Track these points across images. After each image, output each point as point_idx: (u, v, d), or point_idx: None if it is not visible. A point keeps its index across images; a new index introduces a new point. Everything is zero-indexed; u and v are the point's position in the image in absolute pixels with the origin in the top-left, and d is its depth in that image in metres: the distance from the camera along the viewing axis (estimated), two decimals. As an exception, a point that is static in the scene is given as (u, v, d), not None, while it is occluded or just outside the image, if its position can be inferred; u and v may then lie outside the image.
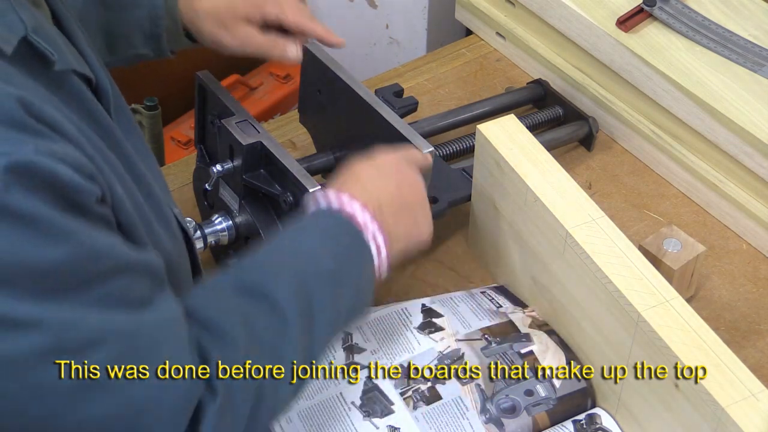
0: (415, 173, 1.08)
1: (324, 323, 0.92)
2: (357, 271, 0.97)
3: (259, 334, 0.87)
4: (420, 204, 1.07)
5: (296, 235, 0.98)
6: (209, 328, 0.86)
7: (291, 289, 0.90)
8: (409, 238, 1.05)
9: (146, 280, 0.81)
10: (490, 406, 1.08)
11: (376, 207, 1.00)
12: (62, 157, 0.74)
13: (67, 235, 0.74)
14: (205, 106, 1.28)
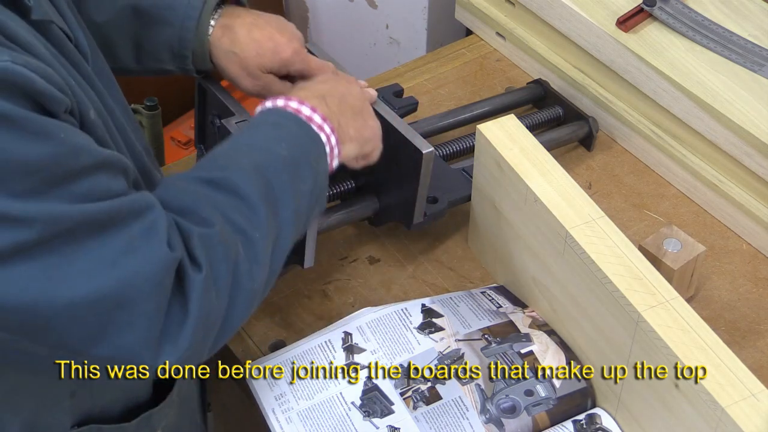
0: (352, 83, 1.16)
1: (287, 205, 0.97)
2: (310, 155, 1.02)
3: (230, 217, 0.93)
4: (361, 102, 1.14)
5: (247, 131, 1.04)
6: (185, 213, 0.91)
7: (251, 177, 0.95)
8: (359, 131, 1.11)
9: (122, 177, 0.87)
10: (490, 406, 1.08)
11: (318, 101, 1.06)
12: (35, 68, 0.79)
13: (48, 133, 0.79)
14: (205, 106, 1.28)
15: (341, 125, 1.08)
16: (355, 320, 1.16)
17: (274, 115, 1.04)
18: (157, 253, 0.85)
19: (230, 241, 0.91)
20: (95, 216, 0.82)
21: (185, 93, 1.43)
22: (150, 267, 0.85)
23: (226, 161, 0.98)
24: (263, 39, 1.19)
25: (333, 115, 1.07)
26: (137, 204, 0.86)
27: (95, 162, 0.83)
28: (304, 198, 1.00)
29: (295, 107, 1.04)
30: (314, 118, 1.04)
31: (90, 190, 0.82)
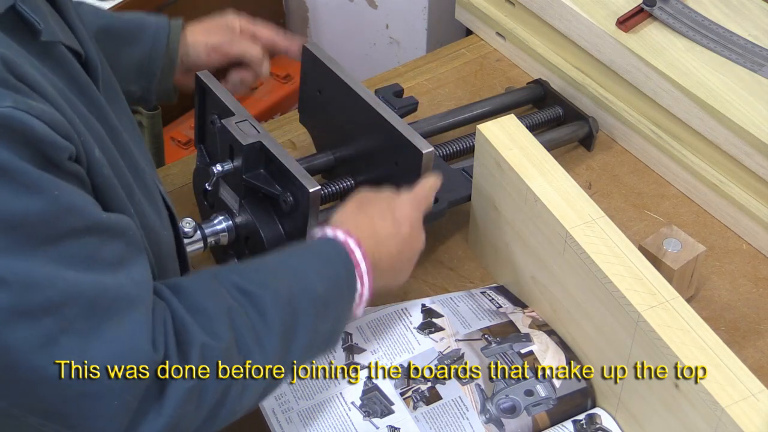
0: (420, 223, 1.12)
1: (302, 342, 0.94)
2: (342, 302, 1.01)
3: (243, 337, 0.90)
4: (415, 254, 1.11)
5: (297, 253, 1.01)
6: (199, 314, 0.88)
7: (280, 301, 0.93)
8: (389, 283, 1.09)
9: (117, 243, 0.83)
10: (490, 406, 1.08)
11: (374, 251, 1.04)
12: (39, 114, 0.76)
13: (41, 188, 0.76)
14: (205, 106, 1.28)
15: (380, 272, 1.05)
16: (355, 320, 1.16)
17: (327, 248, 1.02)
18: (135, 352, 0.81)
19: (231, 360, 0.88)
20: (78, 294, 0.78)
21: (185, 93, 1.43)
22: (123, 362, 0.80)
23: (268, 279, 0.95)
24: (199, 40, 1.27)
25: (377, 269, 1.04)
26: (124, 291, 0.82)
27: (86, 225, 0.80)
28: (318, 338, 0.98)
29: (352, 248, 1.02)
30: (361, 265, 1.02)
31: (77, 254, 0.78)
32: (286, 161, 1.16)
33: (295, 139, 1.48)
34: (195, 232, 1.21)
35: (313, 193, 1.14)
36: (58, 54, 0.86)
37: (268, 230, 1.20)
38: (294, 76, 2.18)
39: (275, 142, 1.19)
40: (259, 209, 1.20)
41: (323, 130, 1.36)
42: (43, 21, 0.83)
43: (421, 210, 1.13)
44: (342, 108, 1.28)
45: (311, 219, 1.16)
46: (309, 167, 1.28)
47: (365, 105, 1.24)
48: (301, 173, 1.15)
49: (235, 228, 1.23)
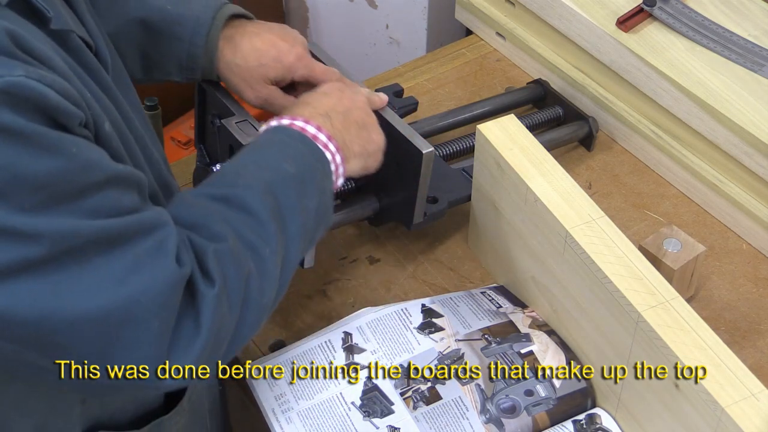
0: (357, 93, 1.15)
1: (295, 221, 0.97)
2: (315, 173, 1.02)
3: (241, 233, 0.93)
4: (366, 115, 1.14)
5: (254, 149, 1.03)
6: (197, 228, 0.92)
7: (259, 194, 0.96)
8: (363, 147, 1.11)
9: (134, 193, 0.87)
10: (490, 406, 1.08)
11: (322, 119, 1.07)
12: (50, 83, 0.79)
13: (59, 148, 0.79)
14: (205, 106, 1.28)
15: (346, 142, 1.08)
16: (355, 320, 1.16)
17: (280, 134, 1.05)
18: (164, 271, 0.85)
19: (242, 256, 0.92)
20: (104, 233, 0.82)
21: (185, 93, 1.43)
22: (157, 285, 0.84)
23: (234, 178, 0.98)
24: (265, 47, 1.19)
25: (338, 133, 1.07)
26: (147, 221, 0.86)
27: (106, 177, 0.83)
28: (310, 214, 1.00)
29: (300, 126, 1.04)
30: (319, 137, 1.04)
31: (100, 206, 0.82)
32: (286, 161, 1.16)
33: (295, 139, 1.48)
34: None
35: None
36: (70, 41, 0.88)
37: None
38: (294, 76, 2.17)
39: (275, 142, 1.19)
40: (259, 209, 1.20)
41: (323, 130, 1.36)
42: (53, 9, 0.84)
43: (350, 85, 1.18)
44: (342, 108, 1.28)
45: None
46: (309, 167, 1.28)
47: (365, 105, 1.24)
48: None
49: (235, 228, 1.23)
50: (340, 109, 1.10)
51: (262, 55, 1.19)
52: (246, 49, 1.19)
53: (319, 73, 1.22)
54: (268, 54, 1.19)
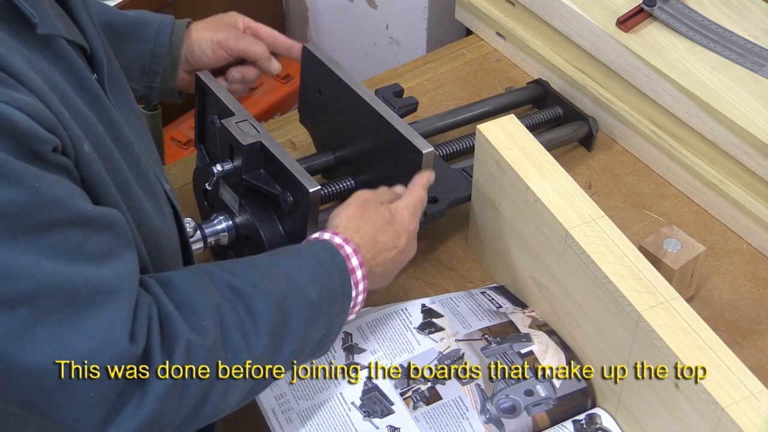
0: (417, 231, 1.13)
1: (292, 345, 0.95)
2: (335, 308, 1.00)
3: (230, 334, 0.90)
4: (406, 262, 1.12)
5: (292, 254, 1.01)
6: (186, 311, 0.88)
7: (272, 302, 0.93)
8: (389, 276, 1.10)
9: (104, 236, 0.83)
10: (490, 406, 1.08)
11: (371, 259, 1.05)
12: (21, 106, 0.76)
13: (21, 179, 0.76)
14: (205, 106, 1.28)
15: (374, 277, 1.06)
16: (355, 320, 1.16)
17: (323, 252, 1.01)
18: (112, 344, 0.81)
19: (216, 357, 0.88)
20: (58, 285, 0.78)
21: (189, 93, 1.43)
22: (101, 357, 0.81)
23: (260, 278, 0.94)
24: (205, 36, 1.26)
25: (373, 277, 1.06)
26: (105, 284, 0.82)
27: (70, 217, 0.79)
28: (310, 343, 0.98)
29: (348, 253, 1.02)
30: (357, 274, 1.02)
31: (59, 246, 0.78)
32: (286, 161, 1.16)
33: (295, 139, 1.48)
34: (195, 232, 1.21)
35: (313, 193, 1.14)
36: (57, 47, 0.86)
37: (268, 230, 1.20)
38: (294, 76, 2.18)
39: (275, 142, 1.19)
40: (259, 209, 1.20)
41: (323, 130, 1.36)
42: (39, 14, 0.82)
43: (418, 216, 1.13)
44: (342, 108, 1.28)
45: (311, 219, 1.16)
46: (309, 167, 1.28)
47: (365, 105, 1.24)
48: (301, 173, 1.15)
49: (235, 228, 1.23)
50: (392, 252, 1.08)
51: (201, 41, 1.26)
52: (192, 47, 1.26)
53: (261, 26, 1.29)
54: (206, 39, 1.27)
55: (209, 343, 0.87)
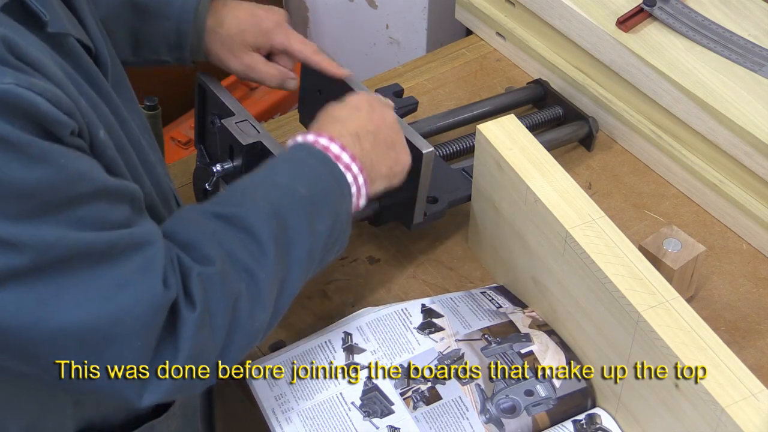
0: (388, 110, 1.13)
1: (302, 244, 0.96)
2: (331, 194, 1.01)
3: (236, 255, 0.92)
4: (396, 134, 1.11)
5: (270, 167, 1.02)
6: (188, 248, 0.90)
7: (265, 215, 0.94)
8: (390, 168, 1.10)
9: (125, 206, 0.86)
10: (490, 406, 1.08)
11: (350, 139, 1.05)
12: (41, 91, 0.78)
13: (47, 157, 0.78)
14: (205, 106, 1.28)
15: (372, 163, 1.07)
16: (355, 320, 1.16)
17: (300, 152, 1.03)
18: (150, 292, 0.84)
19: (231, 279, 0.91)
20: (91, 247, 0.81)
21: (185, 93, 1.43)
22: (141, 305, 0.84)
23: (242, 197, 0.97)
24: (244, 15, 1.22)
25: (365, 155, 1.06)
26: (136, 238, 0.85)
27: (95, 189, 0.82)
28: (320, 237, 0.99)
29: (324, 144, 1.03)
30: (342, 157, 1.03)
31: (87, 218, 0.81)
32: (286, 161, 1.16)
33: (295, 139, 1.48)
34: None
35: None
36: (67, 45, 0.88)
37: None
38: (294, 77, 2.17)
39: (275, 142, 1.19)
40: (259, 209, 1.20)
41: (323, 130, 1.36)
42: (50, 12, 0.84)
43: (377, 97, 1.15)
44: (342, 108, 1.28)
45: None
46: (309, 167, 1.28)
47: (365, 105, 1.24)
48: (301, 173, 1.15)
49: (235, 228, 1.23)
50: (370, 128, 1.08)
51: (242, 21, 1.21)
52: (227, 18, 1.21)
53: (295, 42, 1.23)
54: (247, 21, 1.21)
55: (217, 268, 0.89)
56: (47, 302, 0.80)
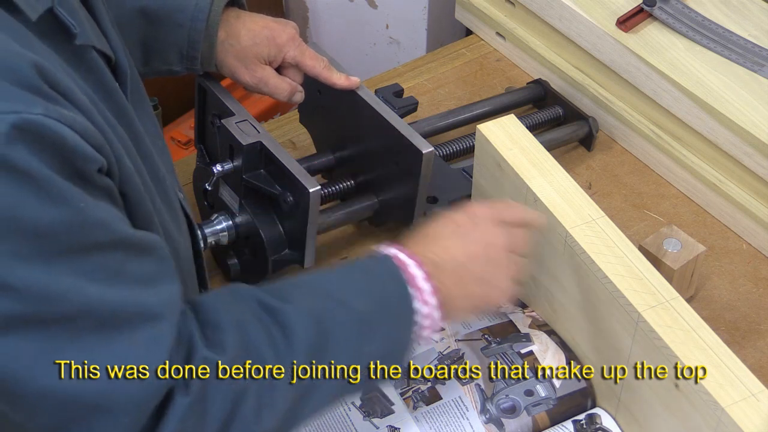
0: (499, 230, 1.00)
1: (339, 360, 0.89)
2: (393, 321, 0.92)
3: (259, 349, 0.85)
4: (493, 266, 0.99)
5: (337, 270, 0.96)
6: (207, 328, 0.85)
7: (306, 316, 0.88)
8: (474, 305, 0.99)
9: (144, 261, 0.81)
10: (490, 406, 1.08)
11: (433, 265, 0.95)
12: (71, 123, 0.74)
13: (66, 198, 0.74)
14: (205, 106, 1.28)
15: (452, 298, 0.95)
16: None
17: (374, 263, 0.94)
18: (149, 372, 0.78)
19: (239, 373, 0.84)
20: (98, 307, 0.76)
21: (185, 93, 1.43)
22: (137, 385, 0.78)
23: (294, 293, 0.90)
24: (258, 28, 1.20)
25: (445, 289, 0.94)
26: (147, 308, 0.79)
27: (112, 240, 0.77)
28: (366, 360, 0.90)
29: (404, 261, 0.93)
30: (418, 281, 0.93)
31: (100, 268, 0.76)
32: (286, 161, 1.16)
33: (295, 139, 1.48)
34: (195, 232, 1.21)
35: (313, 193, 1.14)
36: (89, 59, 0.85)
37: (268, 230, 1.20)
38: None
39: (275, 142, 1.19)
40: (259, 209, 1.20)
41: (323, 130, 1.36)
42: (79, 25, 0.82)
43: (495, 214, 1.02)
44: (342, 108, 1.28)
45: (311, 219, 1.16)
46: (309, 167, 1.28)
47: (365, 105, 1.24)
48: (301, 173, 1.15)
49: (235, 228, 1.23)
50: (462, 258, 0.97)
51: (256, 34, 1.20)
52: (240, 30, 1.19)
53: (308, 57, 1.22)
54: (261, 33, 1.20)
55: (227, 358, 0.83)
56: (39, 358, 0.75)
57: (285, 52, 1.21)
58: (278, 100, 1.26)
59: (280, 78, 1.23)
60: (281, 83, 1.22)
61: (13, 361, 0.74)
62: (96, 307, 0.76)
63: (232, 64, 1.21)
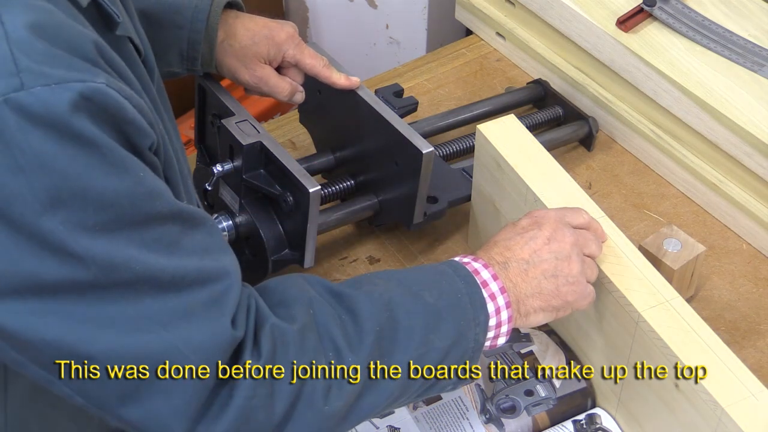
0: (565, 229, 1.00)
1: (408, 351, 0.88)
2: (463, 317, 0.92)
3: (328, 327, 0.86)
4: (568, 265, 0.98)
5: (408, 269, 0.97)
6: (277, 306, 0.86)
7: (376, 307, 0.88)
8: (547, 301, 0.98)
9: (199, 234, 0.81)
10: (490, 406, 1.08)
11: (499, 266, 0.96)
12: (129, 96, 0.75)
13: (128, 168, 0.74)
14: (205, 106, 1.28)
15: (520, 297, 0.96)
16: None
17: (446, 265, 0.96)
18: (214, 326, 0.79)
19: (311, 344, 0.84)
20: (158, 274, 0.76)
21: (185, 93, 1.43)
22: (202, 338, 0.78)
23: (363, 282, 0.91)
24: (257, 27, 1.21)
25: (512, 287, 0.96)
26: (208, 271, 0.80)
27: (171, 211, 0.78)
28: (435, 354, 0.90)
29: (476, 267, 0.95)
30: (491, 286, 0.94)
31: (160, 239, 0.77)
32: (286, 161, 1.16)
33: (295, 139, 1.48)
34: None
35: (313, 193, 1.14)
36: (126, 50, 0.86)
37: (268, 230, 1.20)
38: (294, 76, 2.17)
39: (275, 142, 1.19)
40: (259, 209, 1.20)
41: (323, 130, 1.36)
42: (121, 14, 0.83)
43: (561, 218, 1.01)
44: (342, 108, 1.28)
45: (311, 219, 1.16)
46: (309, 167, 1.28)
47: (365, 105, 1.24)
48: (301, 173, 1.15)
49: (235, 228, 1.23)
50: (527, 256, 0.98)
51: (255, 34, 1.20)
52: (239, 30, 1.20)
53: (307, 56, 1.23)
54: (259, 33, 1.20)
55: (295, 328, 0.83)
56: (105, 322, 0.75)
57: (284, 50, 1.22)
58: (279, 100, 1.26)
59: (281, 77, 1.23)
60: (281, 82, 1.22)
61: (75, 326, 0.75)
62: (157, 274, 0.76)
63: (232, 64, 1.21)
